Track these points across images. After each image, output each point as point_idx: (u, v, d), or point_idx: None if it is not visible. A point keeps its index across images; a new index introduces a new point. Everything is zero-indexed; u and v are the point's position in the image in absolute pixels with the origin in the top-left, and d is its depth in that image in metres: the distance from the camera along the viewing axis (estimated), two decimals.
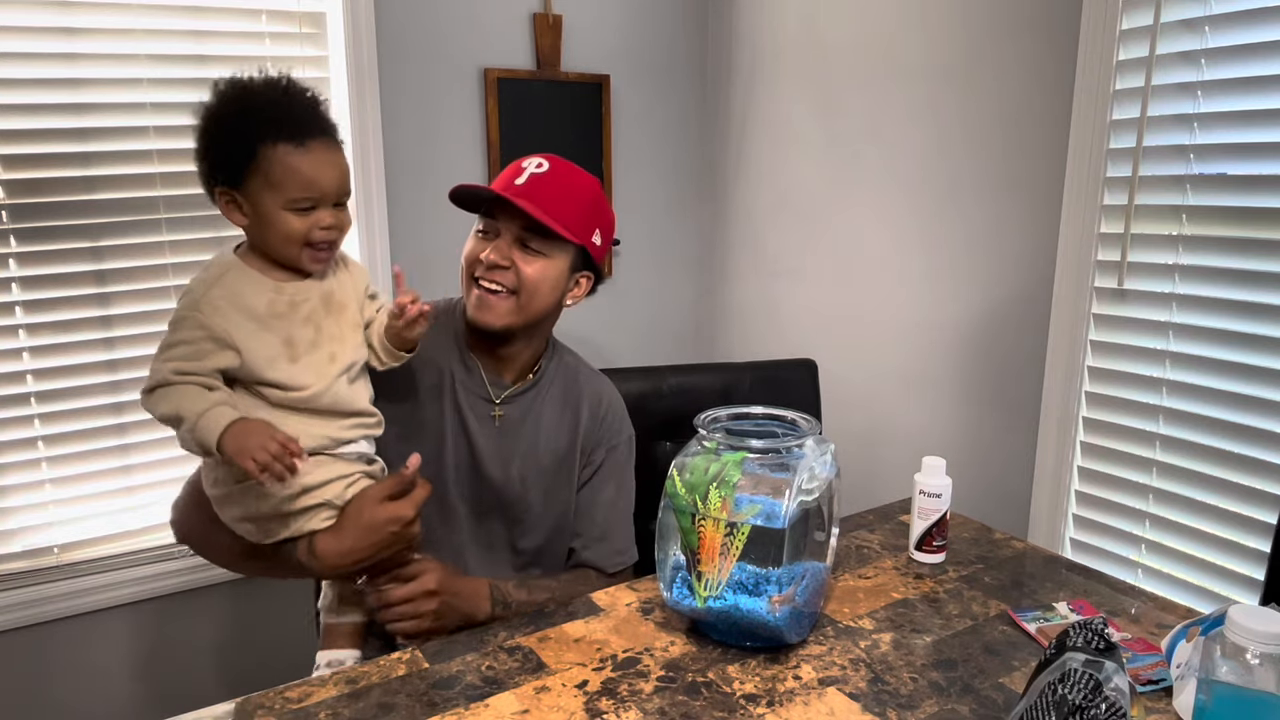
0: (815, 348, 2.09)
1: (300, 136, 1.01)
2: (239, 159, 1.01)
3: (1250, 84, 1.41)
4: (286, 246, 1.04)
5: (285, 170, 1.01)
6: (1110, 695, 0.72)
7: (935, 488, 1.22)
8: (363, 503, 1.09)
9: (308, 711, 0.92)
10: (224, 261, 1.06)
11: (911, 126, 1.96)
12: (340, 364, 1.08)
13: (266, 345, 1.03)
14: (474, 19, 2.14)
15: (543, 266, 1.22)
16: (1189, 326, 1.52)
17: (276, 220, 1.02)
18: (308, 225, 1.03)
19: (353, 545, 1.08)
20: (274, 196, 1.01)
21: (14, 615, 1.83)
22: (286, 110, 1.02)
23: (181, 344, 1.01)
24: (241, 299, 1.03)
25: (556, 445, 1.32)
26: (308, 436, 1.04)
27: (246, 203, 1.03)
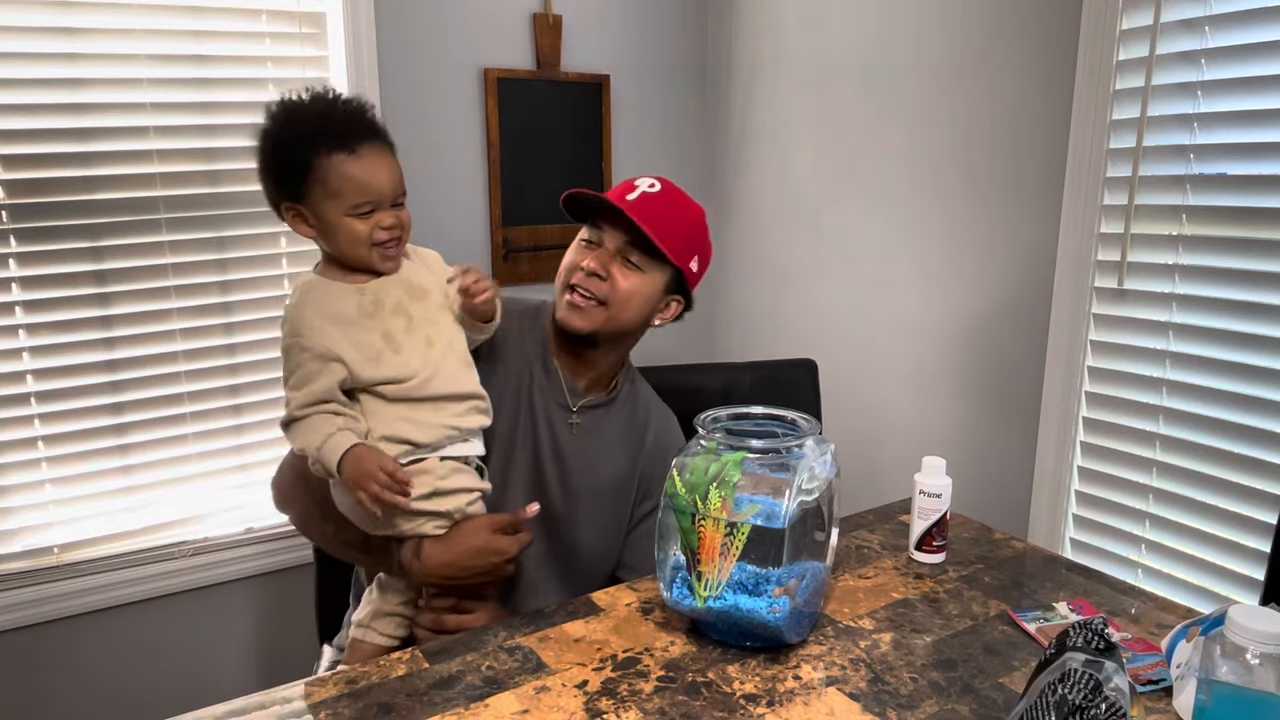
0: (815, 348, 2.09)
1: (351, 144, 1.06)
2: (297, 174, 1.06)
3: (1250, 84, 1.41)
4: (356, 250, 1.09)
5: (341, 178, 1.05)
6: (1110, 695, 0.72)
7: (935, 488, 1.22)
8: (476, 526, 1.15)
9: (308, 711, 0.92)
10: (305, 282, 1.11)
11: (911, 126, 1.96)
12: (439, 346, 1.13)
13: (367, 345, 1.08)
14: (474, 19, 2.14)
15: (638, 282, 1.25)
16: (1189, 326, 1.52)
17: (341, 227, 1.08)
18: (370, 227, 1.08)
19: (454, 561, 1.13)
20: (335, 205, 1.06)
21: (14, 615, 1.83)
22: (335, 121, 1.07)
23: (295, 371, 1.07)
24: (330, 310, 1.08)
25: (615, 467, 1.33)
26: (430, 429, 1.11)
27: (311, 214, 1.08)
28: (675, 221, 1.26)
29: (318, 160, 1.05)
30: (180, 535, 1.98)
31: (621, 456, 1.34)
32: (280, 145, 1.07)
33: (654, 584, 1.18)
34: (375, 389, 1.09)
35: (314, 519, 1.22)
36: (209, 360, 1.96)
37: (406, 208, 1.14)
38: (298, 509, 1.25)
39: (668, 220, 1.24)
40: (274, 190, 1.09)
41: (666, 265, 1.26)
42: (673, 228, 1.25)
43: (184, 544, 1.98)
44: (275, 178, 1.08)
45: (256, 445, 2.05)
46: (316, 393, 1.06)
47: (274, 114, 1.08)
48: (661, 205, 1.25)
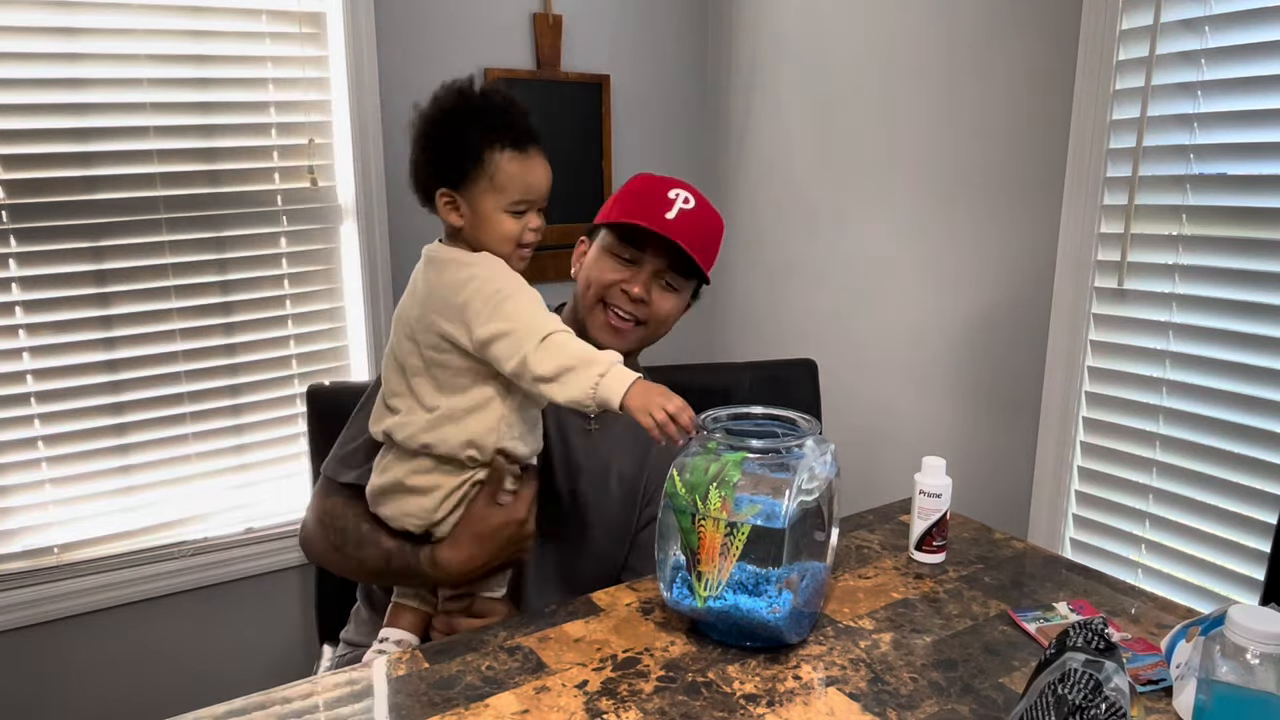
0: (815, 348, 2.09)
1: (523, 144, 1.07)
2: (465, 163, 1.06)
3: (1250, 84, 1.41)
4: (501, 245, 1.09)
5: (509, 175, 1.06)
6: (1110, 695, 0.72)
7: (935, 488, 1.22)
8: (473, 510, 1.12)
9: (308, 711, 0.92)
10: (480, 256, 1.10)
11: (911, 126, 1.96)
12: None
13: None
14: (474, 19, 2.14)
15: (675, 302, 1.27)
16: (1189, 326, 1.52)
17: (495, 221, 1.08)
18: (520, 227, 1.09)
19: (471, 553, 1.12)
20: (496, 199, 1.07)
21: (14, 615, 1.83)
22: (511, 118, 1.08)
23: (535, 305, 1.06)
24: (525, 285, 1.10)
25: (624, 470, 1.33)
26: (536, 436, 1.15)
27: (465, 204, 1.08)
28: (710, 239, 1.27)
29: (490, 153, 1.05)
30: (180, 535, 1.99)
31: (630, 460, 1.33)
32: (454, 132, 1.07)
33: (654, 584, 1.18)
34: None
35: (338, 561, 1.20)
36: (209, 360, 1.96)
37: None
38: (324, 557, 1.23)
39: (704, 238, 1.25)
40: (433, 173, 1.08)
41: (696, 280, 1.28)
42: (708, 246, 1.26)
43: (184, 544, 1.98)
44: (440, 161, 1.08)
45: (256, 445, 2.05)
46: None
47: (448, 99, 1.08)
48: (699, 223, 1.24)
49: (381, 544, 1.14)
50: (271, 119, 1.96)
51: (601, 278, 1.24)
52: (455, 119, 1.07)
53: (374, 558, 1.15)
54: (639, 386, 1.01)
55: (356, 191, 2.03)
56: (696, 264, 1.23)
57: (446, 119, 1.08)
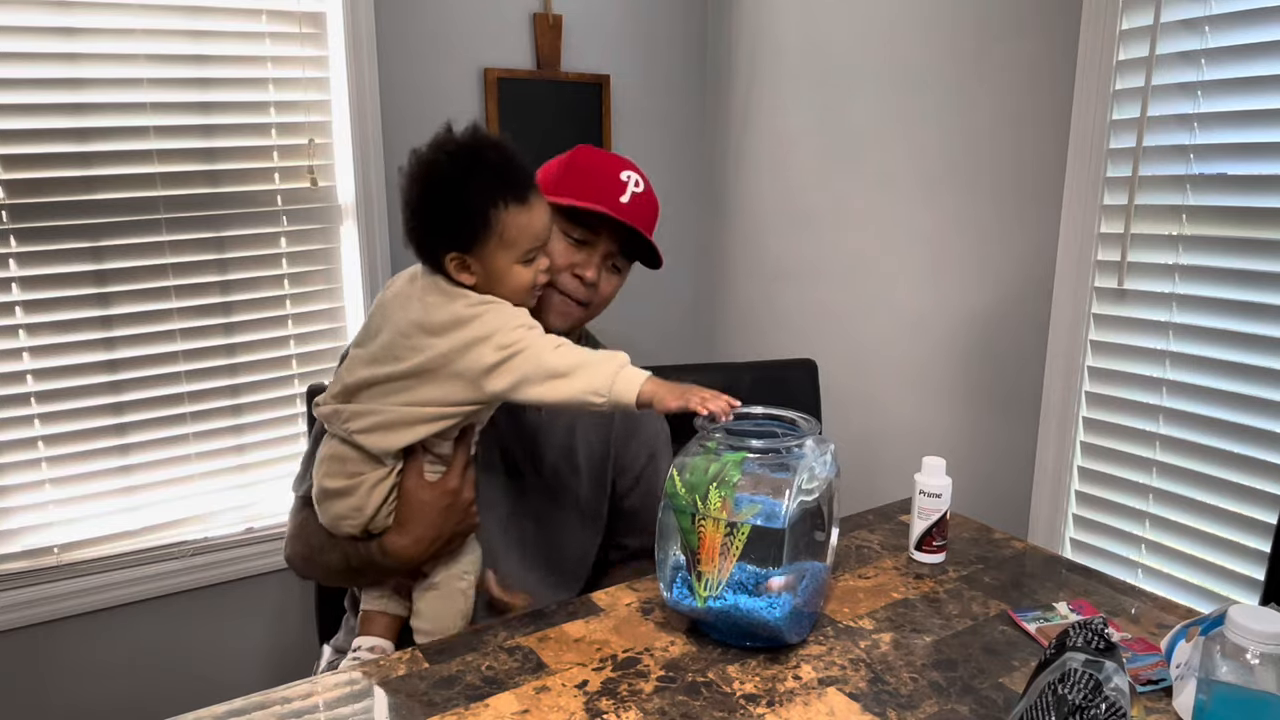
0: (815, 348, 2.09)
1: (524, 194, 1.07)
2: (473, 226, 1.04)
3: (1250, 84, 1.41)
4: (517, 296, 1.09)
5: (518, 228, 1.06)
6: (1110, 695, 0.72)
7: (935, 488, 1.22)
8: (406, 489, 1.11)
9: (308, 711, 0.92)
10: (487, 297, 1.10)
11: (911, 126, 1.96)
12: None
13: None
14: (474, 19, 2.14)
15: (617, 284, 1.28)
16: (1189, 326, 1.52)
17: (510, 275, 1.08)
18: (534, 274, 1.10)
19: (417, 534, 1.11)
20: (508, 254, 1.06)
21: (14, 615, 1.83)
22: (509, 172, 1.07)
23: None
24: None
25: (590, 440, 1.33)
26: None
27: (477, 263, 1.06)
28: (654, 222, 1.27)
29: (496, 213, 1.04)
30: (180, 535, 1.98)
31: (593, 430, 1.34)
32: (455, 196, 1.04)
33: (654, 584, 1.18)
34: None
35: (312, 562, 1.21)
36: (209, 360, 1.96)
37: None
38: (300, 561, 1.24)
39: (653, 222, 1.26)
40: (438, 239, 1.06)
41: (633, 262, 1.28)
42: (653, 225, 1.26)
43: (184, 544, 1.98)
44: (444, 227, 1.05)
45: (256, 445, 2.05)
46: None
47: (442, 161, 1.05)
48: (649, 207, 1.25)
49: (340, 545, 1.15)
50: (271, 119, 1.96)
51: (558, 264, 1.21)
52: (454, 182, 1.04)
53: (337, 560, 1.16)
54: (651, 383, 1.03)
55: (356, 192, 2.03)
56: (643, 247, 1.23)
57: (444, 183, 1.05)
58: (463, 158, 1.05)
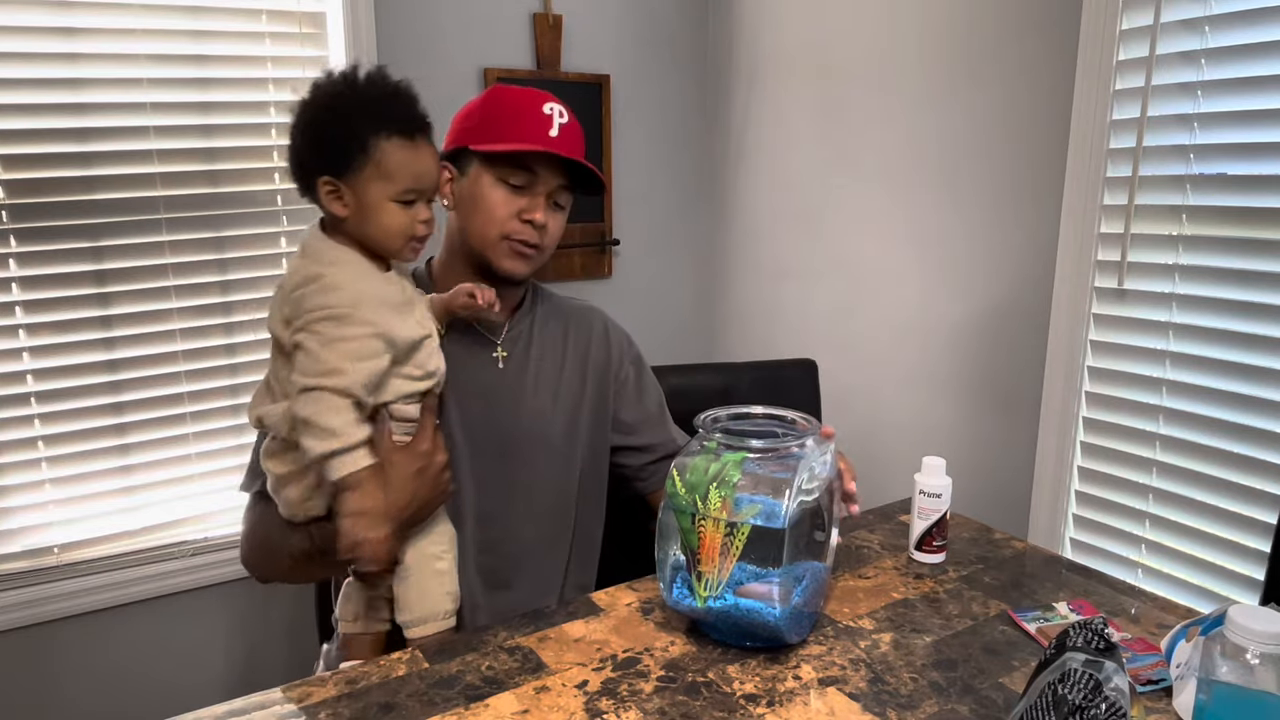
0: (815, 348, 2.09)
1: (412, 131, 1.05)
2: (351, 149, 1.02)
3: (1250, 84, 1.41)
4: (389, 239, 1.06)
5: (397, 163, 1.03)
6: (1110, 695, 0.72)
7: (935, 488, 1.22)
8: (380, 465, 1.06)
9: (308, 711, 0.92)
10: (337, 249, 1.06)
11: (911, 126, 1.96)
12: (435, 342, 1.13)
13: (411, 332, 1.07)
14: (474, 19, 2.14)
15: (563, 220, 1.26)
16: (1189, 326, 1.52)
17: (382, 211, 1.04)
18: (409, 218, 1.06)
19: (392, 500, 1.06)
20: (383, 188, 1.04)
21: (14, 615, 1.83)
22: (399, 104, 1.06)
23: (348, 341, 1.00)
24: (380, 293, 1.05)
25: (570, 376, 1.32)
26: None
27: (350, 193, 1.04)
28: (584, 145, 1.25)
29: (377, 140, 1.02)
30: (180, 535, 1.98)
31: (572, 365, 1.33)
32: (338, 116, 1.03)
33: (654, 584, 1.18)
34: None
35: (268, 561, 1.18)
36: (209, 360, 1.96)
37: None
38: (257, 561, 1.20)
39: (583, 146, 1.24)
40: (314, 159, 1.04)
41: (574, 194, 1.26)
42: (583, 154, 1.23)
43: (184, 544, 1.98)
44: (322, 148, 1.03)
45: None
46: (374, 372, 1.02)
47: (331, 84, 1.04)
48: (577, 133, 1.23)
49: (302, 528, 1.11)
50: (271, 119, 1.96)
51: (501, 214, 1.20)
52: (340, 105, 1.03)
53: (298, 542, 1.11)
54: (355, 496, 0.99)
55: None
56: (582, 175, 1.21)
57: (331, 105, 1.04)
58: (355, 84, 1.04)
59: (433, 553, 1.13)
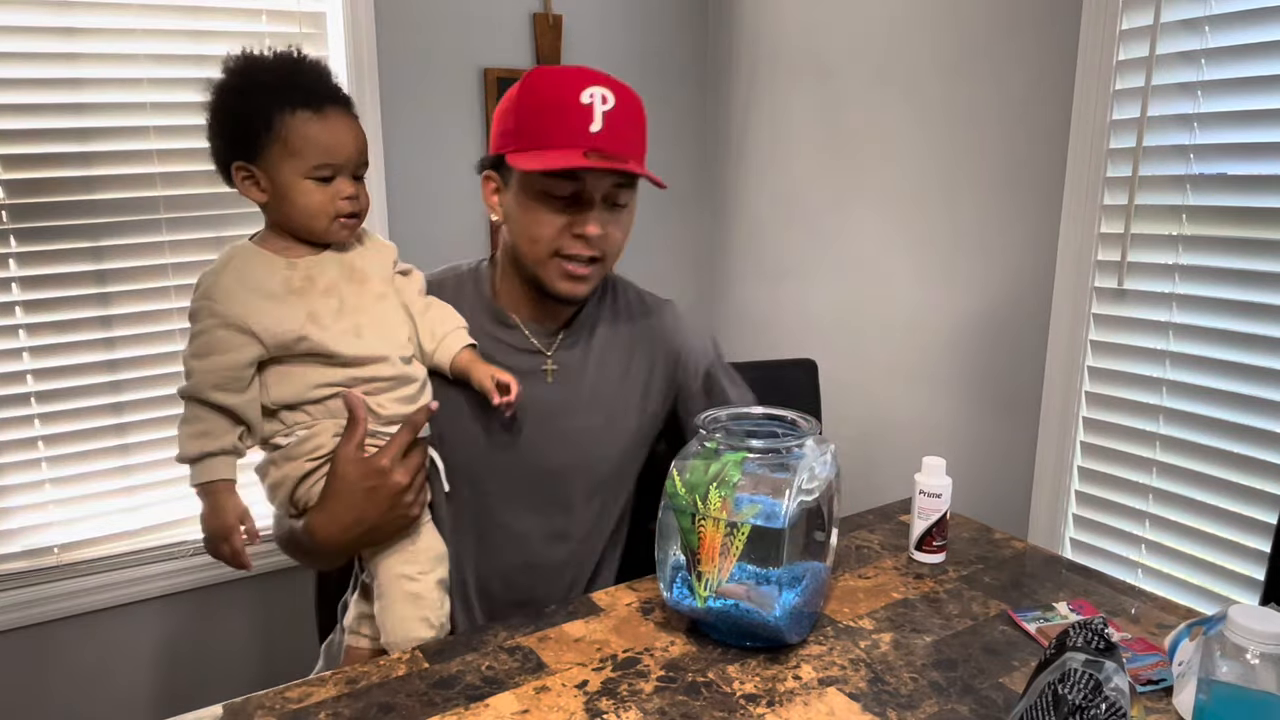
0: (815, 348, 2.09)
1: (317, 103, 1.00)
2: (256, 129, 0.98)
3: (1250, 84, 1.41)
4: (311, 219, 1.01)
5: (304, 138, 0.99)
6: (1110, 695, 0.72)
7: (935, 488, 1.22)
8: (334, 463, 1.03)
9: (308, 711, 0.92)
10: (232, 249, 1.03)
11: (912, 126, 1.96)
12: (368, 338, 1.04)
13: (289, 320, 1.00)
14: (474, 19, 2.14)
15: (628, 221, 1.14)
16: (1189, 326, 1.52)
17: (297, 191, 1.00)
18: (329, 196, 1.01)
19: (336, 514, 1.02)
20: (293, 165, 0.99)
21: (14, 615, 1.83)
22: (303, 77, 1.01)
23: (199, 337, 0.99)
24: (253, 280, 1.00)
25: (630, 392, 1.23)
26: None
27: (264, 176, 1.00)
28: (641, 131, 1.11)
29: (280, 116, 0.98)
30: (180, 535, 1.98)
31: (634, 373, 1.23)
32: (240, 97, 0.99)
33: (654, 584, 1.18)
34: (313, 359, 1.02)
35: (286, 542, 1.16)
36: None
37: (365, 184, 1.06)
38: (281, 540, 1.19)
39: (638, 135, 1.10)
40: (225, 147, 1.01)
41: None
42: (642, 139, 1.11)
43: (184, 544, 1.98)
44: (229, 132, 1.00)
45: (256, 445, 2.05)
46: (222, 367, 0.98)
47: (233, 65, 1.00)
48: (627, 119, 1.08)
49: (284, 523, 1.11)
50: None
51: (548, 233, 1.09)
52: (243, 82, 1.00)
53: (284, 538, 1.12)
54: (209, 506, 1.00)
55: None
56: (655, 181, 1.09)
57: (236, 84, 1.00)
58: (254, 61, 1.01)
59: (404, 573, 1.08)
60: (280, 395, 1.02)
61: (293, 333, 0.99)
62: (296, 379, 1.02)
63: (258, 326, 0.98)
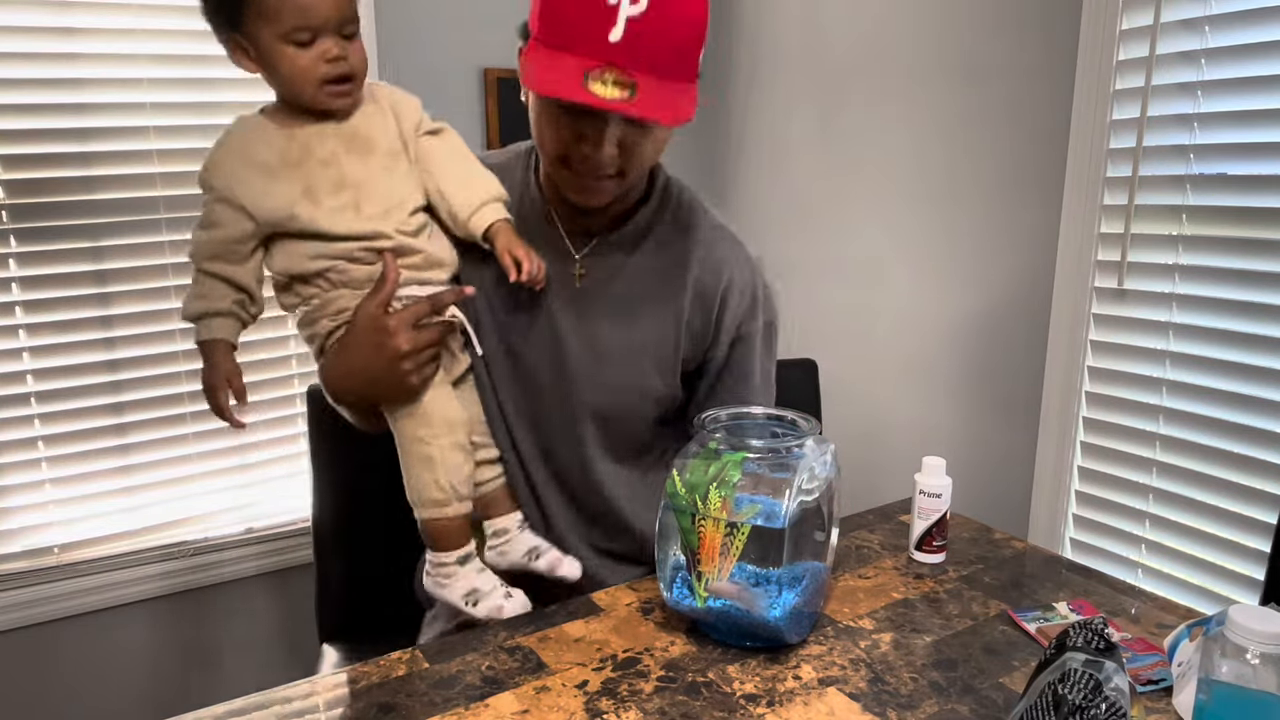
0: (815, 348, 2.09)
1: None
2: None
3: (1250, 84, 1.41)
4: (299, 86, 0.98)
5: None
6: (1110, 695, 0.72)
7: (935, 488, 1.22)
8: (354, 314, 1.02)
9: (308, 711, 0.92)
10: (239, 119, 1.03)
11: (911, 126, 1.96)
12: (367, 210, 1.01)
13: (282, 195, 0.99)
14: (474, 19, 2.14)
15: (655, 138, 1.04)
16: (1189, 326, 1.52)
17: (279, 56, 0.97)
18: (313, 59, 0.97)
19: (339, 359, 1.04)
20: (271, 29, 0.96)
21: (14, 615, 1.83)
22: None
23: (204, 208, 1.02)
24: (249, 153, 1.00)
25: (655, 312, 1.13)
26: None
27: (250, 45, 0.98)
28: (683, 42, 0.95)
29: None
30: (180, 535, 1.99)
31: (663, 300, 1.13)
32: None
33: (654, 584, 1.18)
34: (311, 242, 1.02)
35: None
36: None
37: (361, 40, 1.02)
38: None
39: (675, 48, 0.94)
40: (212, 18, 0.99)
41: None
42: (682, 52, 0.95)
43: (184, 544, 1.98)
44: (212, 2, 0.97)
45: (256, 445, 2.05)
46: (217, 240, 1.00)
47: None
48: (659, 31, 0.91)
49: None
50: None
51: (554, 143, 1.01)
52: None
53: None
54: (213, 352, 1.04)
55: None
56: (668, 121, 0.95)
57: None
58: None
59: (417, 436, 1.06)
60: (280, 266, 1.03)
61: (282, 210, 0.99)
62: (292, 251, 1.02)
63: (248, 202, 0.99)
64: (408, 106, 1.09)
